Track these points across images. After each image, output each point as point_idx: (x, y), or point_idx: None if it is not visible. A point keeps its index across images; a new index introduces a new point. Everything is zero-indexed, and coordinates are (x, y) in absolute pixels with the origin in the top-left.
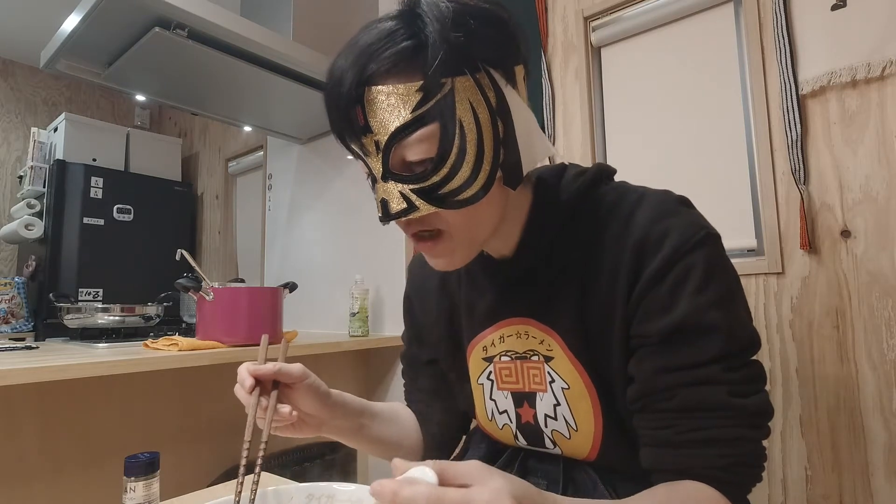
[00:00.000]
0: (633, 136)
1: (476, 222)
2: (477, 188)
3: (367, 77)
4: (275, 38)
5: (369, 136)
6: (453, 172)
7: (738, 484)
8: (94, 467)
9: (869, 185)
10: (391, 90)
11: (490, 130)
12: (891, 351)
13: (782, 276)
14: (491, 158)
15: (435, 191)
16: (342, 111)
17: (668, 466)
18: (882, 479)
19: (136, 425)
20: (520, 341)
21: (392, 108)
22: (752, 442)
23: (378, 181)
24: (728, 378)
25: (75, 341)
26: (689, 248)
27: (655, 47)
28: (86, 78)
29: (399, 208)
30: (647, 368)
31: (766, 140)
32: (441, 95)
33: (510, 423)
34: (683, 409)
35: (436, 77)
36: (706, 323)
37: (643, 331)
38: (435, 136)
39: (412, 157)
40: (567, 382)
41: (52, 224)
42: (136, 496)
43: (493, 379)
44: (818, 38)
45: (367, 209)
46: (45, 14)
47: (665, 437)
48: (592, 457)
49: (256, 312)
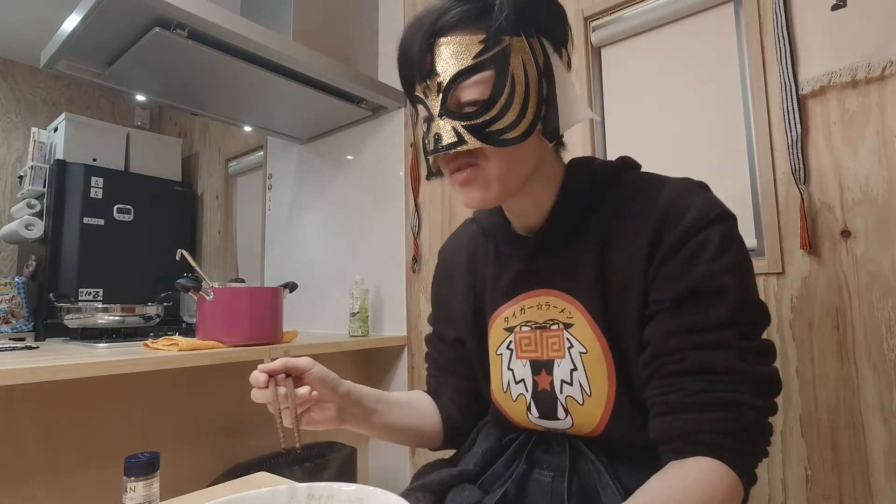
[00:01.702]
0: (633, 135)
1: (513, 163)
2: (519, 132)
3: (438, 29)
4: (275, 38)
5: (434, 78)
6: (500, 115)
7: (742, 453)
8: (94, 467)
9: (869, 185)
10: (458, 40)
11: (535, 87)
12: (891, 351)
13: (782, 276)
14: (534, 110)
15: (483, 128)
16: (415, 58)
17: (675, 433)
18: (882, 479)
19: (136, 425)
20: (539, 312)
21: (456, 56)
22: (757, 410)
23: (434, 119)
24: (739, 345)
25: (75, 341)
26: (707, 222)
27: (655, 47)
28: (86, 78)
29: (450, 141)
30: (661, 331)
31: (766, 140)
32: (499, 49)
33: (525, 393)
34: (693, 372)
35: (497, 33)
36: (718, 286)
37: (659, 296)
38: (489, 81)
39: (467, 97)
40: (585, 347)
41: (53, 224)
42: (136, 496)
43: (513, 348)
44: (818, 38)
45: (368, 209)
46: (45, 14)
47: (673, 400)
48: (599, 429)
49: (256, 312)
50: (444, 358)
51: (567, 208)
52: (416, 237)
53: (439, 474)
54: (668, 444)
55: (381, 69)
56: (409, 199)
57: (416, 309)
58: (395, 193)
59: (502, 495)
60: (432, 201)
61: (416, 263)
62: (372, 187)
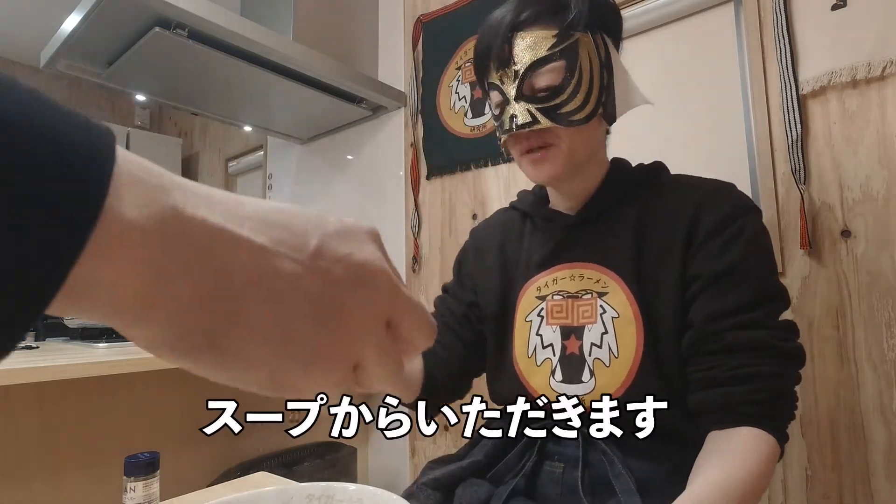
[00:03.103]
0: (633, 135)
1: (578, 142)
2: (584, 114)
3: (518, 23)
4: (275, 38)
5: (511, 66)
6: (569, 99)
7: (776, 418)
8: (94, 467)
9: (869, 185)
10: (534, 34)
11: (598, 76)
12: (891, 351)
13: (782, 277)
14: (597, 96)
15: (554, 111)
16: (496, 48)
17: (713, 405)
18: (882, 479)
19: (136, 425)
20: (573, 283)
21: (533, 46)
22: (787, 380)
23: (510, 102)
24: (769, 324)
25: (75, 341)
26: (743, 210)
27: (655, 47)
28: (86, 78)
29: (525, 121)
30: (701, 316)
31: (766, 140)
32: (569, 42)
33: (552, 358)
34: (730, 350)
35: (568, 29)
36: (750, 267)
37: (698, 271)
38: (560, 70)
39: (540, 83)
40: (618, 312)
41: None
42: (136, 496)
43: (543, 315)
44: (818, 38)
45: (368, 209)
46: (45, 14)
47: (712, 376)
48: (621, 391)
49: None
50: (453, 316)
51: (610, 191)
52: (416, 237)
53: (449, 468)
54: (710, 415)
55: (381, 69)
56: (409, 199)
57: None
58: (395, 193)
59: (513, 488)
60: (432, 201)
61: (416, 263)
62: (372, 187)
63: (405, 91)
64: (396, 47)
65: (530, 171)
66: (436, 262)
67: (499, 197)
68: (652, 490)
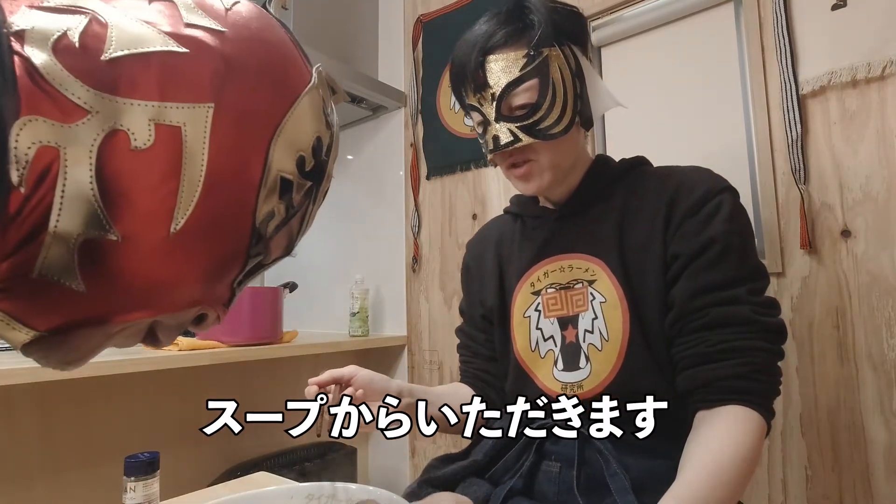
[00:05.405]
0: (633, 135)
1: (560, 153)
2: (563, 126)
3: (489, 48)
4: None
5: (487, 90)
6: (547, 114)
7: (760, 394)
8: (94, 467)
9: (869, 185)
10: (505, 56)
11: (572, 87)
12: (891, 351)
13: (782, 276)
14: (572, 107)
15: (533, 127)
16: (470, 73)
17: (699, 382)
18: (882, 479)
19: (136, 425)
20: (563, 274)
21: (505, 70)
22: (769, 353)
23: (490, 124)
24: (751, 300)
25: None
26: (719, 190)
27: (655, 47)
28: None
29: (507, 140)
30: (683, 294)
31: (766, 140)
32: (540, 60)
33: (554, 349)
34: (714, 326)
35: (537, 47)
36: (730, 244)
37: (677, 251)
38: (535, 87)
39: (517, 102)
40: (605, 296)
41: None
42: (136, 496)
43: (540, 309)
44: (818, 38)
45: (368, 209)
46: None
47: (697, 352)
48: (612, 376)
49: (257, 312)
50: (476, 342)
51: (594, 184)
52: (416, 237)
53: (450, 468)
54: (695, 394)
55: (380, 69)
56: (410, 199)
57: (416, 309)
58: (395, 193)
59: (511, 487)
60: (432, 201)
61: (416, 263)
62: (372, 187)
63: (405, 91)
64: (396, 47)
65: (519, 186)
66: (436, 262)
67: (499, 197)
68: (648, 487)
